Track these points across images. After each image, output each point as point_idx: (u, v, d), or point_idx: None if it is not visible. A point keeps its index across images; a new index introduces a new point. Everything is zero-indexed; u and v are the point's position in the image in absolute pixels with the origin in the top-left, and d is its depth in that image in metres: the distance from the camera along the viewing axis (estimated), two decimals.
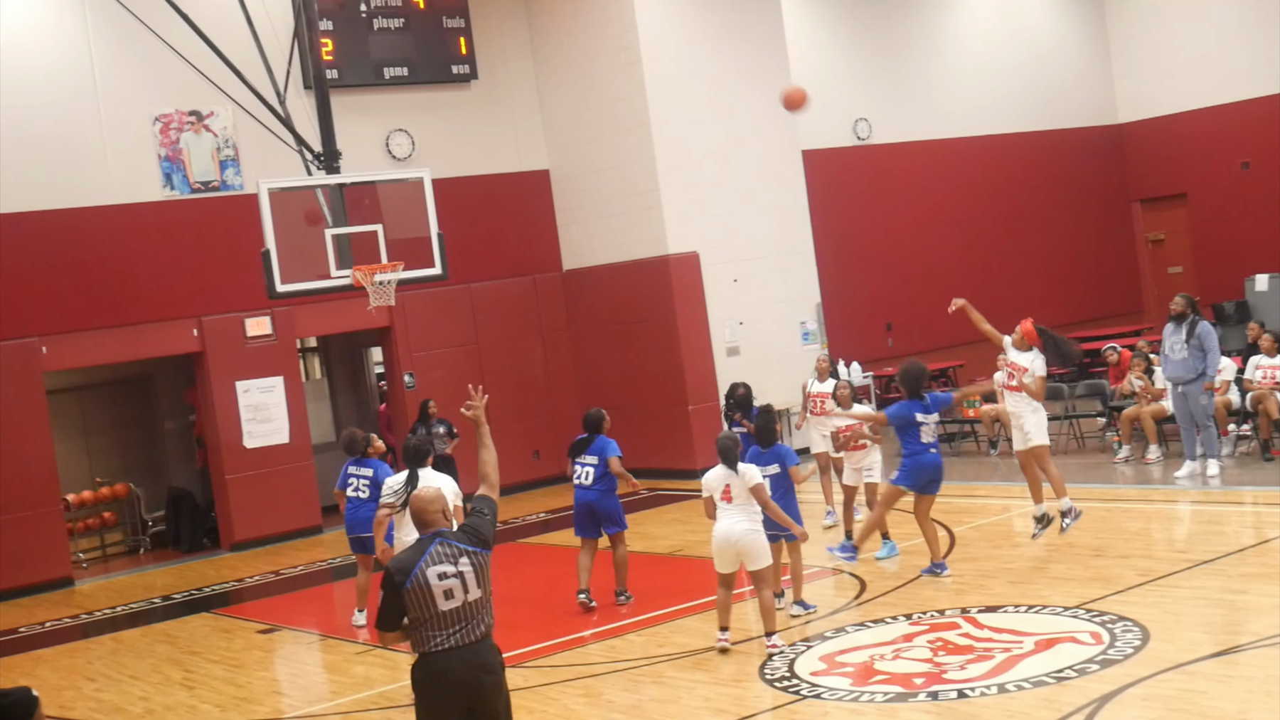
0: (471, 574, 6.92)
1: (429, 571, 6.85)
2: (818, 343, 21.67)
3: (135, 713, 11.71)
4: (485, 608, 6.97)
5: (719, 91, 21.07)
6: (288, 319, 19.95)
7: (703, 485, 10.98)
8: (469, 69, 21.60)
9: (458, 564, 6.90)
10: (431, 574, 6.85)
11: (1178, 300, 15.75)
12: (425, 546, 6.95)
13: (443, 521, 7.10)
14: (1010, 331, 13.64)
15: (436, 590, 6.84)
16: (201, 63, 17.62)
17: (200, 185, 19.53)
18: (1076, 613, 10.66)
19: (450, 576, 6.87)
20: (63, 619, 16.44)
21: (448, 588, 6.86)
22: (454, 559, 6.91)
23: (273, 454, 19.55)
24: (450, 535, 7.01)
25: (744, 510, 10.73)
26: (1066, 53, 27.94)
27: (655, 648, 11.44)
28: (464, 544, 6.97)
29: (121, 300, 18.97)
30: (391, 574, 6.92)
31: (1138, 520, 14.28)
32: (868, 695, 9.31)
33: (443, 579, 6.86)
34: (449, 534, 7.02)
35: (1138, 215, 28.62)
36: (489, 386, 21.21)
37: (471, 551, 6.96)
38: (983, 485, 17.39)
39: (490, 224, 21.73)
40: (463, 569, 6.90)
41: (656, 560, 15.30)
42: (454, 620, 6.86)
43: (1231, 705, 8.24)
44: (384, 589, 6.94)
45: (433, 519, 7.09)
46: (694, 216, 20.71)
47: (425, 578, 6.84)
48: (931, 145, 25.92)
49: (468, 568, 6.91)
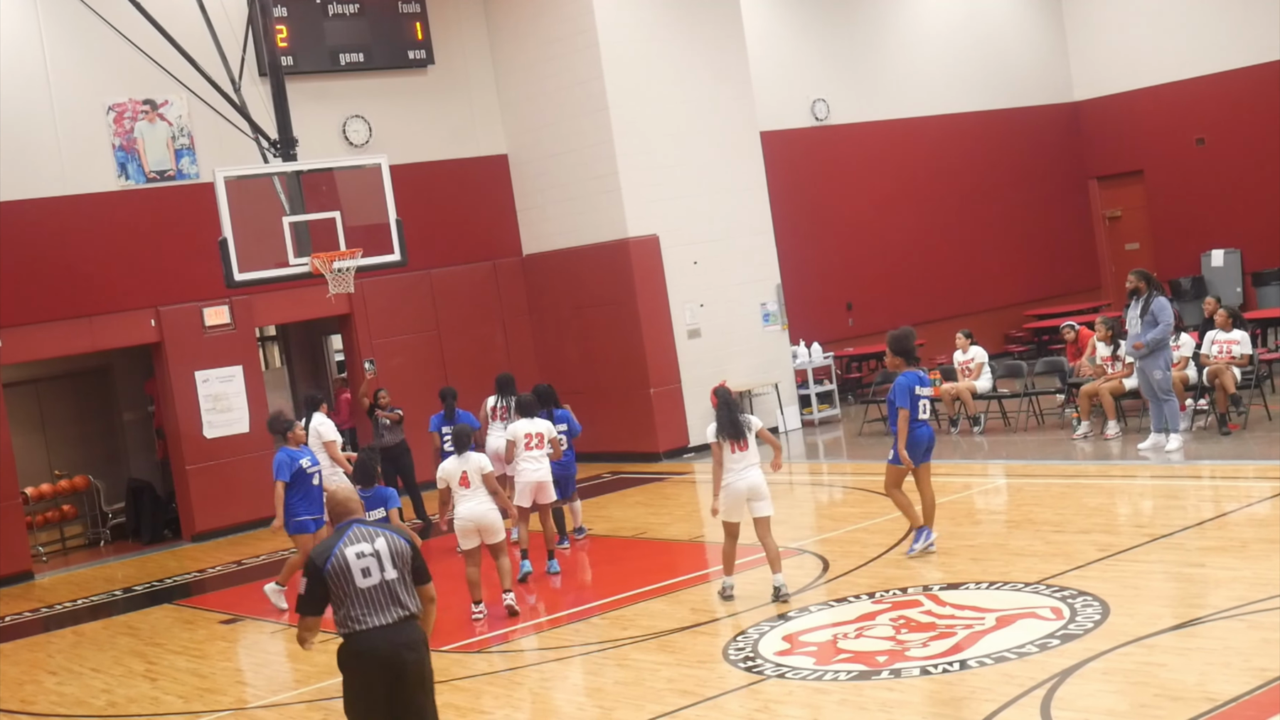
0: (387, 554, 7.28)
1: (347, 551, 7.24)
2: (778, 324, 21.72)
3: (98, 705, 11.65)
4: (404, 589, 7.30)
5: (677, 74, 21.05)
6: (246, 308, 19.85)
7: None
8: (425, 54, 21.50)
9: (374, 544, 7.29)
10: (350, 553, 7.23)
11: (1130, 277, 15.84)
12: (344, 531, 7.37)
13: (360, 512, 7.60)
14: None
15: (355, 567, 7.20)
16: (155, 51, 17.51)
17: (156, 174, 19.39)
18: (1037, 588, 10.73)
19: (367, 555, 7.25)
20: (22, 613, 16.33)
21: (365, 566, 7.22)
22: (370, 539, 7.31)
23: (233, 444, 19.45)
24: (367, 522, 7.48)
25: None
26: (1022, 31, 28.05)
27: (619, 630, 11.45)
28: (380, 529, 7.43)
29: (78, 291, 18.82)
30: (313, 558, 7.29)
31: (1097, 496, 14.38)
32: (831, 674, 9.36)
33: (360, 557, 7.23)
34: (366, 520, 7.52)
35: (1095, 192, 28.78)
36: (450, 372, 21.41)
37: (387, 535, 7.37)
38: (943, 464, 17.38)
39: (449, 210, 21.66)
40: (379, 548, 7.28)
41: (619, 543, 15.31)
42: (374, 598, 7.21)
43: (1190, 677, 8.31)
44: (306, 574, 7.29)
45: (350, 510, 7.54)
46: (653, 199, 20.70)
47: (344, 556, 7.22)
48: (889, 125, 25.99)
49: (383, 548, 7.29)
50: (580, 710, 9.56)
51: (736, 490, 11.57)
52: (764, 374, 21.40)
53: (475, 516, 12.26)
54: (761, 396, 21.42)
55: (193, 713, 10.93)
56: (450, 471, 12.42)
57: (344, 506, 7.54)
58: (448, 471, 12.45)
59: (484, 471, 12.32)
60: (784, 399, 21.66)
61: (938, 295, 25.81)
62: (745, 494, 11.58)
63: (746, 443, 11.63)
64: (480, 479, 12.30)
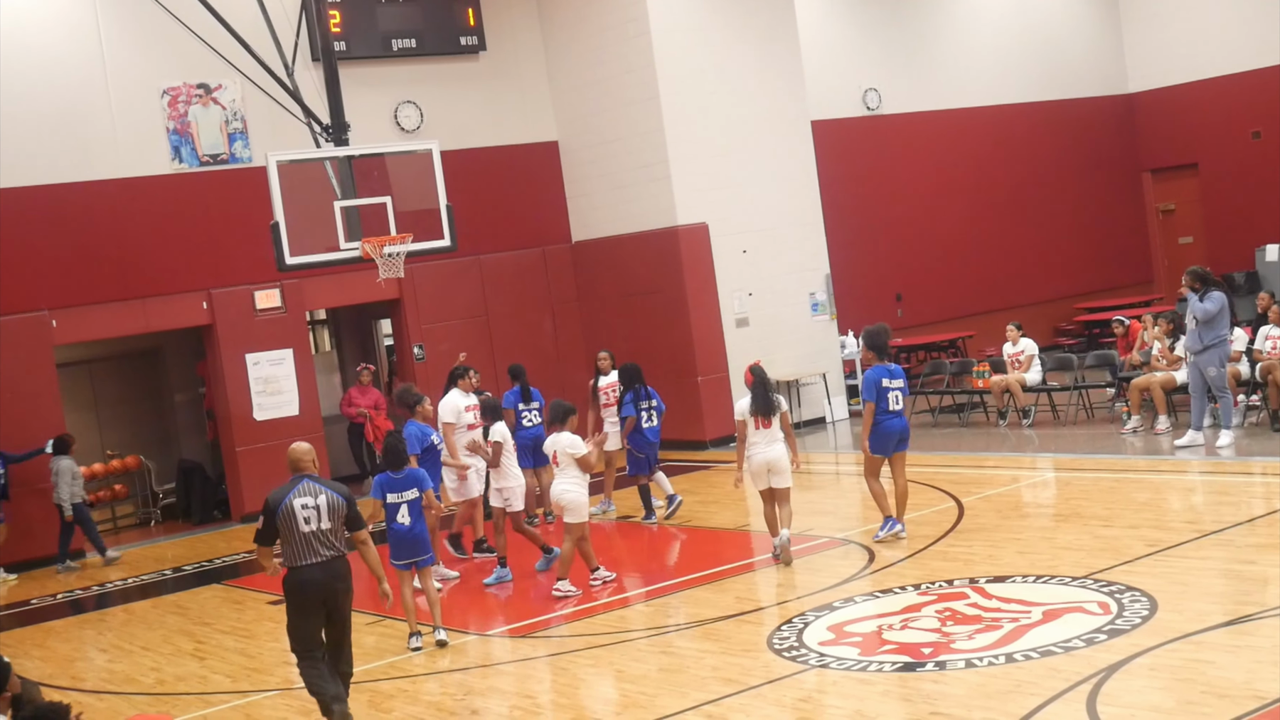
0: (325, 508, 9.13)
1: (295, 502, 9.11)
2: (827, 314, 21.67)
3: (147, 683, 11.77)
4: (336, 536, 9.19)
5: (728, 62, 21.01)
6: (297, 291, 19.97)
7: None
8: (477, 40, 21.54)
9: (317, 499, 9.14)
10: (296, 504, 9.11)
11: (1184, 279, 15.74)
12: (295, 484, 9.19)
13: (311, 469, 9.30)
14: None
15: (299, 516, 9.08)
16: (210, 36, 17.65)
17: (209, 158, 19.53)
18: (1085, 583, 10.67)
19: (310, 507, 9.11)
20: (74, 590, 16.52)
21: (307, 515, 9.09)
22: (315, 495, 9.16)
23: (283, 426, 19.55)
24: (315, 479, 9.24)
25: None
26: (1077, 22, 27.83)
27: (663, 618, 11.47)
28: (324, 486, 9.22)
29: (131, 273, 19.00)
30: (269, 502, 9.17)
31: (1146, 491, 14.28)
32: (876, 665, 9.34)
33: (304, 508, 9.10)
34: (315, 478, 9.26)
35: (1148, 185, 28.54)
36: (498, 358, 21.50)
37: (328, 492, 9.19)
38: (991, 456, 17.39)
39: (499, 196, 21.71)
40: (319, 503, 9.13)
41: (664, 531, 15.33)
42: (310, 542, 9.10)
43: (1239, 675, 8.25)
44: (264, 513, 9.19)
45: (304, 467, 9.29)
46: (703, 188, 20.68)
47: (292, 506, 9.10)
48: (941, 115, 25.85)
49: (324, 503, 9.13)
50: (624, 696, 9.58)
51: (757, 463, 12.52)
52: (811, 364, 21.34)
53: (555, 495, 12.68)
54: (809, 386, 21.38)
55: (240, 692, 11.03)
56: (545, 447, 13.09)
57: (298, 463, 9.27)
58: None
59: (576, 454, 12.51)
60: (831, 389, 21.61)
61: (988, 287, 25.68)
62: (765, 466, 12.50)
63: (771, 421, 12.50)
64: (569, 459, 12.53)
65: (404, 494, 11.64)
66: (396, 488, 11.65)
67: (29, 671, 11.82)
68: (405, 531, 11.65)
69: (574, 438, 12.69)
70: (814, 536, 13.60)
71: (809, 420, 21.26)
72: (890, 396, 12.85)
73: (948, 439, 19.07)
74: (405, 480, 11.71)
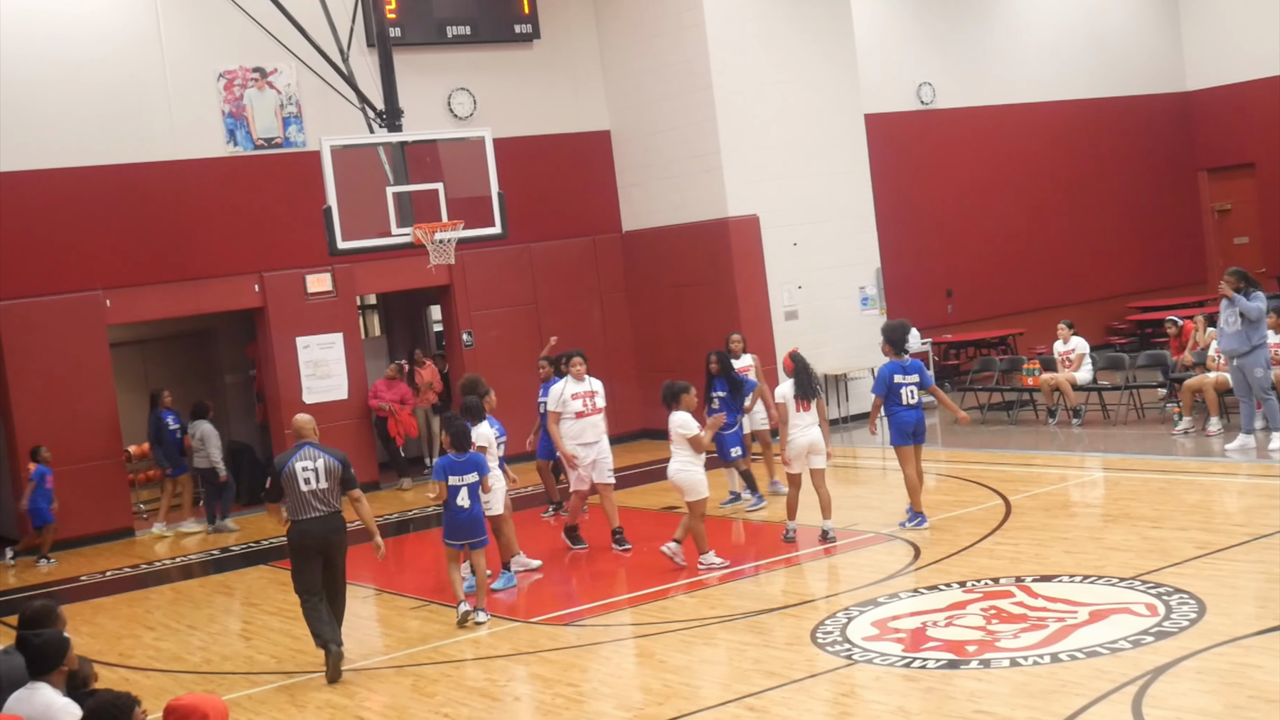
0: (323, 470, 10.65)
1: (296, 465, 10.64)
2: (877, 308, 21.59)
3: (193, 662, 11.87)
4: (333, 495, 10.69)
5: (782, 54, 20.95)
6: (348, 276, 20.07)
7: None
8: (531, 28, 21.57)
9: (315, 463, 10.66)
10: (298, 467, 10.64)
11: (1227, 280, 15.58)
12: (297, 449, 10.75)
13: (313, 436, 10.86)
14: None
15: (300, 477, 10.61)
16: (266, 20, 17.76)
17: (263, 142, 19.65)
18: (1132, 584, 10.60)
19: (309, 470, 10.64)
20: (123, 568, 16.67)
21: (306, 476, 10.62)
22: (314, 460, 10.67)
23: (332, 410, 19.66)
24: (315, 445, 10.78)
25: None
26: (1134, 18, 27.58)
27: (707, 609, 11.47)
28: (322, 452, 10.75)
29: (184, 255, 19.14)
30: (275, 465, 10.83)
31: (1197, 492, 14.17)
32: (920, 661, 9.31)
33: (304, 470, 10.63)
34: (315, 444, 10.80)
35: (1204, 184, 28.27)
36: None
37: (326, 457, 10.69)
38: (1040, 454, 17.29)
39: (550, 184, 21.73)
40: (318, 466, 10.66)
41: (708, 523, 15.30)
42: (309, 499, 10.62)
43: None
44: (269, 474, 10.87)
45: (306, 434, 10.85)
46: (754, 179, 20.64)
47: (294, 468, 10.63)
48: (995, 111, 25.69)
49: (321, 466, 10.66)
50: (666, 686, 9.58)
51: (799, 445, 13.14)
52: (860, 358, 21.26)
53: (670, 475, 12.97)
54: (858, 380, 21.32)
55: (285, 673, 11.11)
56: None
57: (300, 431, 10.91)
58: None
59: (686, 433, 12.66)
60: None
61: (1039, 284, 25.52)
62: (806, 449, 13.15)
63: (810, 405, 13.15)
64: (681, 438, 12.69)
65: (465, 477, 11.74)
66: (458, 471, 11.75)
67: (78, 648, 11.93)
68: (464, 514, 11.78)
69: (685, 417, 12.77)
70: (859, 531, 13.57)
71: (855, 415, 21.18)
72: (904, 391, 13.36)
73: (996, 436, 18.98)
74: (467, 464, 11.79)
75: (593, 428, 14.13)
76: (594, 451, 14.08)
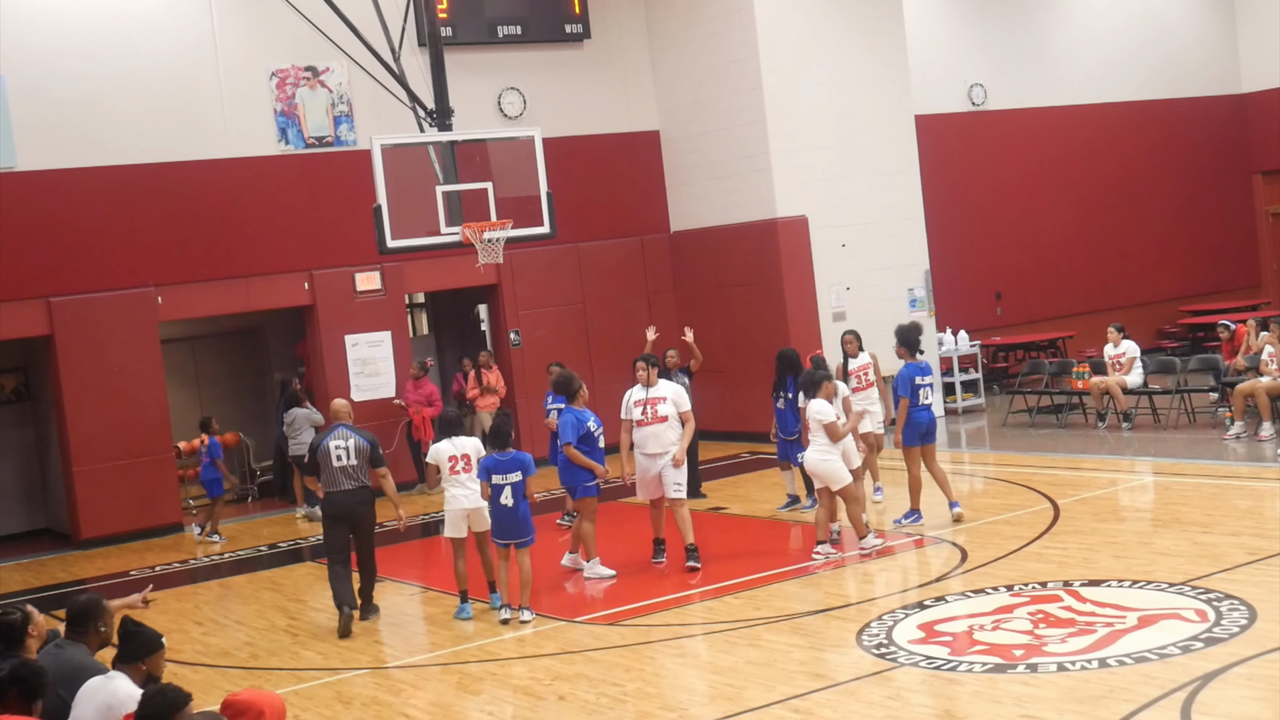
0: (353, 449, 12.08)
1: (330, 444, 12.11)
2: (925, 310, 21.48)
3: (241, 657, 11.95)
4: (361, 471, 12.11)
5: (832, 54, 20.89)
6: (397, 274, 20.16)
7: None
8: (582, 28, 21.60)
9: (347, 443, 12.09)
10: (331, 445, 12.11)
11: None
12: (332, 430, 12.25)
13: (347, 419, 12.34)
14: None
15: (333, 454, 12.06)
16: (318, 19, 17.86)
17: (314, 140, 19.76)
18: (1182, 589, 10.51)
19: (341, 448, 12.08)
20: (172, 564, 16.80)
21: (338, 454, 12.06)
22: (346, 439, 12.11)
23: (380, 408, 19.76)
24: (349, 426, 12.24)
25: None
26: (1189, 19, 27.35)
27: (752, 610, 11.45)
28: (353, 432, 12.19)
29: (235, 252, 19.28)
30: (312, 444, 12.46)
31: (1249, 498, 14.02)
32: (966, 665, 9.26)
33: (337, 448, 12.07)
34: (349, 426, 12.27)
35: (1259, 187, 28.00)
36: (594, 346, 21.52)
37: (356, 437, 12.12)
38: (1089, 458, 17.17)
39: (599, 184, 21.75)
40: (349, 445, 12.08)
41: (755, 523, 15.30)
42: (341, 474, 12.07)
43: None
44: (309, 451, 12.47)
45: (341, 417, 12.33)
46: (803, 180, 20.59)
47: (328, 446, 12.10)
48: (1047, 112, 25.53)
49: (352, 445, 12.08)
50: (711, 688, 9.58)
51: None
52: None
53: (809, 465, 13.19)
54: None
55: (331, 669, 11.16)
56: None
57: (336, 414, 12.41)
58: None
59: (823, 419, 12.81)
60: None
61: (1090, 287, 25.34)
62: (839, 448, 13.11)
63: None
64: (818, 425, 12.87)
65: (508, 475, 11.76)
66: (501, 469, 11.77)
67: None
68: (508, 513, 11.81)
69: (823, 404, 12.90)
70: (906, 534, 13.51)
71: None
72: (921, 392, 13.65)
73: (1045, 440, 18.85)
74: (510, 462, 11.80)
75: (655, 438, 13.17)
76: (656, 464, 13.17)
